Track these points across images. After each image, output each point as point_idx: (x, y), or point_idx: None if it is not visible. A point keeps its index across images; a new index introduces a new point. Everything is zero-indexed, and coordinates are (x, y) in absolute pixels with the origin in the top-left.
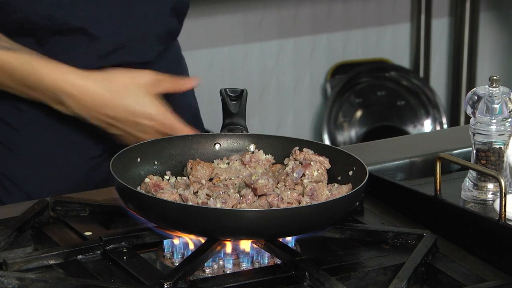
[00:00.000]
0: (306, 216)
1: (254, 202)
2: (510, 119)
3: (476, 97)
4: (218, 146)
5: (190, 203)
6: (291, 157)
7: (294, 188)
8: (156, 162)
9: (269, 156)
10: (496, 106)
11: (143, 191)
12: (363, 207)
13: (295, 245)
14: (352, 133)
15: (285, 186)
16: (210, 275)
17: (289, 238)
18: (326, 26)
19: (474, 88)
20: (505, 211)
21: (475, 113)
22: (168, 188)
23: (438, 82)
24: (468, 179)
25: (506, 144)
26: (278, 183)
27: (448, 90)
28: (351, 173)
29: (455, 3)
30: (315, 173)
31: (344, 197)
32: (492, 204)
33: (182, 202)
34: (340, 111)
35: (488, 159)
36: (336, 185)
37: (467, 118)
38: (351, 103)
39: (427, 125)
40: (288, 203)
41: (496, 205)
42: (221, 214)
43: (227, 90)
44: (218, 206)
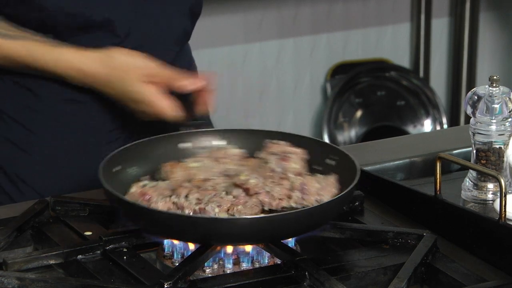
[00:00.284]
0: (313, 216)
1: (247, 202)
2: (510, 119)
3: (476, 97)
4: (184, 145)
5: (187, 211)
6: (265, 150)
7: (281, 183)
8: (134, 167)
9: (240, 150)
10: (496, 106)
11: (135, 202)
12: (363, 207)
13: (295, 245)
14: (352, 133)
15: (273, 182)
16: (210, 275)
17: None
18: (326, 26)
19: (474, 88)
20: (505, 211)
21: (475, 113)
22: (158, 197)
23: (438, 82)
24: (468, 179)
25: (506, 144)
26: (264, 180)
27: (448, 90)
28: (328, 161)
29: (455, 3)
30: (297, 165)
31: (346, 192)
32: (492, 204)
33: (180, 212)
34: (340, 111)
35: (488, 159)
36: (319, 175)
37: (467, 118)
38: (351, 103)
39: (427, 125)
40: (279, 199)
41: (496, 205)
42: (226, 222)
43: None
44: (217, 210)
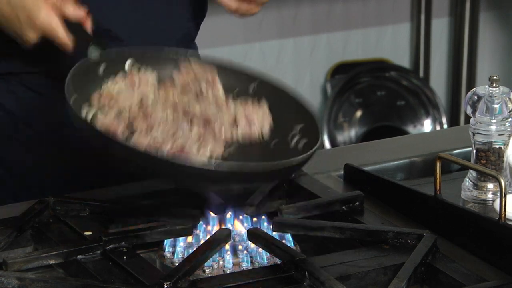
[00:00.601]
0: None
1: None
2: (510, 119)
3: (476, 97)
4: (101, 69)
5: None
6: (179, 71)
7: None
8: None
9: (153, 73)
10: (496, 106)
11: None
12: (363, 207)
13: (295, 245)
14: (352, 133)
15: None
16: (210, 275)
17: (289, 238)
18: (326, 26)
19: (474, 88)
20: (505, 211)
21: (475, 113)
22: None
23: (438, 82)
24: (468, 179)
25: (506, 144)
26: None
27: (448, 90)
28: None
29: (455, 3)
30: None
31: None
32: (492, 204)
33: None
34: (340, 111)
35: (488, 159)
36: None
37: (467, 118)
38: (351, 103)
39: (427, 125)
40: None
41: (496, 205)
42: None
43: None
44: (195, 151)
